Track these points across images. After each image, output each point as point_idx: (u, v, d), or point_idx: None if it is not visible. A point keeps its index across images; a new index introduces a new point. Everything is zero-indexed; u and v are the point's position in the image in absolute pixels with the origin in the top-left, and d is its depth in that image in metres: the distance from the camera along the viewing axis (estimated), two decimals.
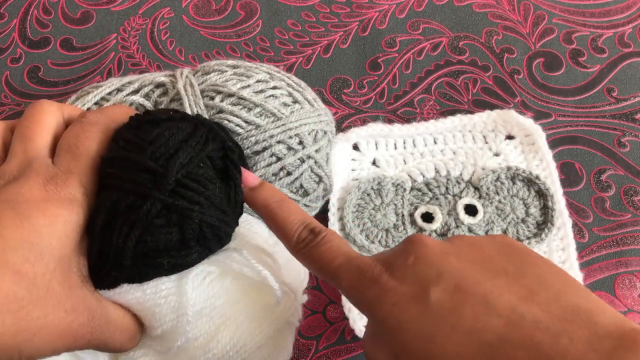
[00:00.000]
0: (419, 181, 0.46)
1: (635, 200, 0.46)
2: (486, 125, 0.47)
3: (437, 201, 0.45)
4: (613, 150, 0.48)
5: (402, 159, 0.47)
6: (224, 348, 0.30)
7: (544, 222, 0.44)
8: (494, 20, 0.53)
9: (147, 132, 0.29)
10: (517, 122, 0.46)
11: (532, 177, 0.44)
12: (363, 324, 0.41)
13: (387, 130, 0.46)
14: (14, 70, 0.53)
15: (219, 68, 0.40)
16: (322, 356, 0.42)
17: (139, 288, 0.29)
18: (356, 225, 0.44)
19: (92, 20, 0.54)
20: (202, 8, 0.55)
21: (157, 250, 0.28)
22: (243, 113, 0.37)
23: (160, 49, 0.53)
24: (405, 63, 0.51)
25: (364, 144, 0.47)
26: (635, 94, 0.49)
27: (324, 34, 0.53)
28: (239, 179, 0.31)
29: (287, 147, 0.39)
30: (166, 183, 0.27)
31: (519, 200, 0.44)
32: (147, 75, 0.41)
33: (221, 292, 0.31)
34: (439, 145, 0.47)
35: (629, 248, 0.44)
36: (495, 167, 0.45)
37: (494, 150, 0.47)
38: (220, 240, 0.30)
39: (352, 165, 0.46)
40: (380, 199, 0.45)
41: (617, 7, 0.53)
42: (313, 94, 0.42)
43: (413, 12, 0.53)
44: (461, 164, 0.46)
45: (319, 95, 0.50)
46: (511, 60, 0.51)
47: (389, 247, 0.43)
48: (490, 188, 0.45)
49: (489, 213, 0.44)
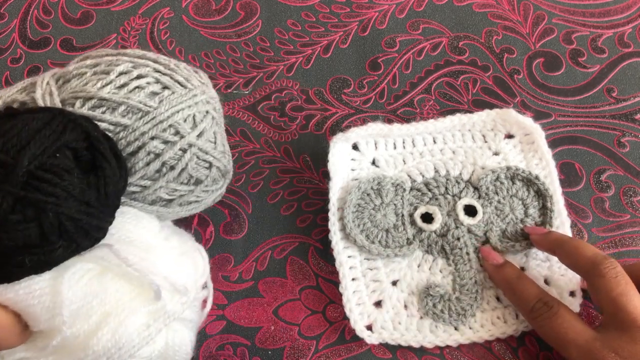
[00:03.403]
0: (419, 181, 0.46)
1: (634, 201, 0.46)
2: (485, 125, 0.47)
3: (437, 201, 0.45)
4: (613, 150, 0.48)
5: (401, 158, 0.47)
6: (106, 345, 0.30)
7: (542, 222, 0.44)
8: (493, 20, 0.53)
9: (1, 125, 0.28)
10: (516, 121, 0.46)
11: (531, 177, 0.44)
12: (364, 323, 0.42)
13: (387, 130, 0.46)
14: (14, 70, 0.53)
15: (79, 71, 0.36)
16: (322, 356, 0.42)
17: (10, 288, 0.28)
18: (356, 225, 0.44)
19: (92, 21, 0.54)
20: (202, 8, 0.55)
21: (16, 248, 0.27)
22: (107, 116, 0.34)
23: (160, 49, 0.53)
24: (405, 63, 0.51)
25: (364, 144, 0.47)
26: (635, 94, 0.50)
27: (324, 34, 0.53)
28: (110, 170, 0.30)
29: (163, 141, 0.35)
30: (16, 175, 0.26)
31: (518, 200, 0.44)
32: (5, 91, 0.37)
33: (100, 289, 0.31)
34: (438, 144, 0.47)
35: (628, 249, 0.44)
36: (495, 166, 0.45)
37: (493, 149, 0.47)
38: (87, 234, 0.29)
39: (352, 165, 0.46)
40: (380, 199, 0.45)
41: (617, 7, 0.53)
42: (186, 72, 0.38)
43: (413, 12, 0.53)
44: (460, 163, 0.46)
45: (319, 95, 0.50)
46: (511, 60, 0.51)
47: (389, 247, 0.43)
48: (489, 188, 0.45)
49: (488, 213, 0.44)
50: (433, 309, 0.42)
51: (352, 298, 0.42)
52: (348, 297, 0.42)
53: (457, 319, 0.41)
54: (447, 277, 0.43)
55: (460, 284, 0.42)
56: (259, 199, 0.47)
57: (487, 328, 0.42)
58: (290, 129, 0.49)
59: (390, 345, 0.42)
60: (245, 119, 0.50)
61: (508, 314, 0.42)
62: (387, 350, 0.42)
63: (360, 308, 0.42)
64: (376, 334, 0.41)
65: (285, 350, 0.42)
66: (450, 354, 0.42)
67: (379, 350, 0.42)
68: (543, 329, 0.38)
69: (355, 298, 0.42)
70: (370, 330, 0.42)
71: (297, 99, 0.50)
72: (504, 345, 0.42)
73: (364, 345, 0.42)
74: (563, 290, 0.41)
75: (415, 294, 0.42)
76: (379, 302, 0.43)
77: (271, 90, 0.51)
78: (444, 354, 0.42)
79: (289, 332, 0.43)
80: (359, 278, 0.43)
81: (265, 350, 0.42)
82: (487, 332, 0.41)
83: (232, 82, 0.51)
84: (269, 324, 0.43)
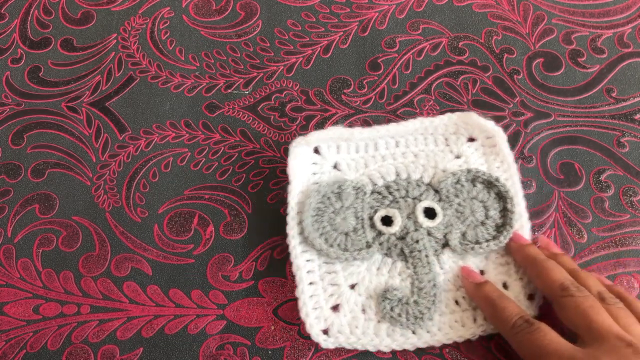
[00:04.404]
0: (380, 184, 0.45)
1: (634, 200, 0.46)
2: (448, 128, 0.47)
3: (397, 204, 0.44)
4: (612, 150, 0.48)
5: (363, 162, 0.46)
6: None
7: (503, 224, 0.43)
8: (493, 21, 0.53)
9: None
10: (478, 124, 0.46)
11: (492, 179, 0.44)
12: (320, 327, 0.41)
13: (348, 133, 0.46)
14: (14, 70, 0.53)
15: None
16: (322, 356, 0.42)
17: None
18: (315, 229, 0.43)
19: (93, 21, 0.54)
20: (202, 8, 0.55)
21: None
22: None
23: (161, 49, 0.53)
24: (405, 63, 0.51)
25: (325, 148, 0.46)
26: (635, 94, 0.50)
27: (324, 34, 0.53)
28: None
29: None
30: None
31: (479, 202, 0.44)
32: None
33: None
34: (400, 148, 0.47)
35: (628, 249, 0.45)
36: (456, 169, 0.45)
37: (455, 152, 0.46)
38: None
39: (313, 169, 0.46)
40: (340, 202, 0.44)
41: (617, 7, 0.53)
42: None
43: (413, 13, 0.53)
44: (422, 166, 0.46)
45: (319, 96, 0.50)
46: (511, 61, 0.51)
47: (348, 250, 0.43)
48: (450, 190, 0.44)
49: (449, 216, 0.44)
50: (390, 313, 0.41)
51: (309, 302, 0.42)
52: (304, 300, 0.42)
53: (415, 323, 0.41)
54: (406, 280, 0.42)
55: (419, 287, 0.42)
56: (259, 199, 0.47)
57: (445, 331, 0.41)
58: (290, 130, 0.49)
59: None
60: (245, 119, 0.50)
61: (466, 318, 0.42)
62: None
63: (317, 312, 0.42)
64: (332, 338, 0.41)
65: (285, 350, 0.42)
66: (450, 353, 0.42)
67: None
68: (522, 344, 0.37)
69: (312, 302, 0.42)
70: (326, 335, 0.41)
71: (297, 99, 0.50)
72: (504, 345, 0.42)
73: None
74: (521, 294, 0.41)
75: (373, 298, 0.42)
76: (336, 306, 0.42)
77: (271, 91, 0.51)
78: (443, 354, 0.42)
79: (289, 332, 0.43)
80: (316, 282, 0.43)
81: (265, 350, 0.42)
82: (444, 335, 0.41)
83: (232, 82, 0.51)
84: (269, 324, 0.43)
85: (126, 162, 0.49)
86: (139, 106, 0.51)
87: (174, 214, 0.47)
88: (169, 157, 0.49)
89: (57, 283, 0.45)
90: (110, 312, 0.44)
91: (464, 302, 0.42)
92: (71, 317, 0.44)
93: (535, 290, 0.41)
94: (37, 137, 0.50)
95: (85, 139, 0.50)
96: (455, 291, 0.42)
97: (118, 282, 0.45)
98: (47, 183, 0.48)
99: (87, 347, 0.43)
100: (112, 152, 0.49)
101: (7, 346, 0.43)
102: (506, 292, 0.41)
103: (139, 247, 0.46)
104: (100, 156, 0.49)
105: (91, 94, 0.51)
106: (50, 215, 0.47)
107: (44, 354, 0.43)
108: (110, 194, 0.48)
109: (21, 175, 0.49)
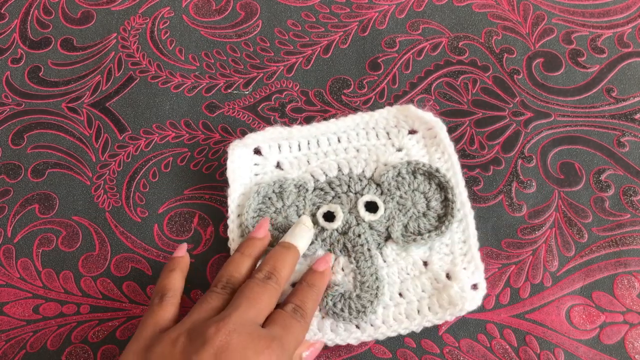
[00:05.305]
0: (322, 180, 0.45)
1: (634, 200, 0.46)
2: (389, 122, 0.47)
3: (339, 200, 0.45)
4: (612, 150, 0.48)
5: (306, 159, 0.46)
6: None
7: (445, 214, 0.44)
8: (493, 21, 0.53)
9: None
10: (417, 116, 0.46)
11: (432, 170, 0.44)
12: None
13: (287, 132, 0.46)
14: (14, 70, 0.53)
15: None
16: (322, 356, 0.42)
17: None
18: None
19: (92, 20, 0.54)
20: (202, 8, 0.55)
21: None
22: None
23: (160, 49, 0.53)
24: (405, 63, 0.51)
25: (267, 148, 0.46)
26: (635, 94, 0.50)
27: (324, 34, 0.53)
28: None
29: None
30: None
31: (420, 194, 0.45)
32: None
33: None
34: (343, 143, 0.47)
35: (628, 248, 0.45)
36: (397, 162, 0.45)
37: (396, 145, 0.47)
38: None
39: (255, 169, 0.46)
40: (281, 201, 0.44)
41: (617, 7, 0.53)
42: None
43: (413, 13, 0.53)
44: (364, 160, 0.46)
45: (319, 97, 0.50)
46: (511, 61, 0.51)
47: None
48: (391, 184, 0.45)
49: (390, 209, 0.44)
50: (333, 308, 0.41)
51: None
52: None
53: (357, 317, 0.41)
54: (349, 275, 0.43)
55: (361, 281, 0.42)
56: None
57: (389, 324, 0.41)
58: None
59: (390, 344, 0.42)
60: (245, 119, 0.50)
61: (411, 310, 0.42)
62: (387, 350, 0.42)
63: None
64: None
65: None
66: (450, 353, 0.42)
67: (378, 350, 0.42)
68: None
69: None
70: None
71: (297, 100, 0.50)
72: (504, 345, 0.42)
73: (364, 346, 0.42)
74: (465, 285, 0.41)
75: None
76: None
77: (271, 91, 0.51)
78: (443, 354, 0.42)
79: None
80: None
81: None
82: (389, 328, 0.41)
83: (232, 82, 0.51)
84: None
85: (126, 162, 0.49)
86: (139, 106, 0.51)
87: (174, 214, 0.47)
88: (169, 157, 0.49)
89: (57, 283, 0.45)
90: (110, 312, 0.44)
91: (409, 294, 0.42)
92: (71, 317, 0.44)
93: (480, 279, 0.42)
94: (37, 137, 0.50)
95: (85, 139, 0.50)
96: (400, 284, 0.43)
97: (118, 282, 0.45)
98: (47, 183, 0.48)
99: (87, 347, 0.43)
100: (112, 152, 0.49)
101: (7, 346, 0.43)
102: (449, 283, 0.42)
103: (139, 247, 0.46)
104: (100, 156, 0.49)
105: (91, 94, 0.51)
106: (50, 215, 0.47)
107: (44, 353, 0.43)
108: (110, 194, 0.48)
109: (21, 175, 0.49)
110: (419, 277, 0.43)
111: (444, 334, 0.43)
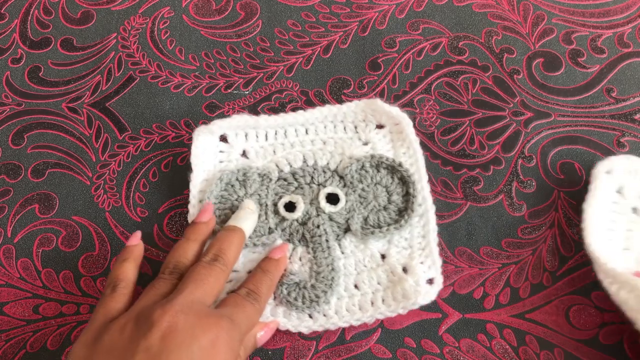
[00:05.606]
0: (286, 171, 0.46)
1: None
2: (357, 115, 0.47)
3: (302, 190, 0.45)
4: (612, 150, 0.48)
5: (272, 149, 0.47)
6: None
7: (405, 209, 0.44)
8: (493, 21, 0.53)
9: None
10: (384, 111, 0.46)
11: (395, 164, 0.45)
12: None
13: (253, 121, 0.46)
14: (14, 70, 0.53)
15: None
16: (322, 356, 0.42)
17: None
18: (217, 217, 0.44)
19: (92, 20, 0.55)
20: (202, 8, 0.55)
21: None
22: None
23: (160, 49, 0.53)
24: (405, 63, 0.51)
25: (233, 136, 0.47)
26: (635, 94, 0.50)
27: (324, 34, 0.53)
28: None
29: None
30: None
31: (382, 187, 0.45)
32: None
33: None
34: (310, 135, 0.47)
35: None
36: (361, 155, 0.45)
37: (363, 139, 0.47)
38: None
39: (220, 157, 0.46)
40: (244, 189, 0.45)
41: (617, 7, 0.53)
42: None
43: (413, 13, 0.53)
44: (329, 153, 0.46)
45: (319, 97, 0.50)
46: (511, 60, 0.51)
47: (249, 237, 0.43)
48: (354, 176, 0.45)
49: (351, 201, 0.44)
50: (287, 297, 0.41)
51: None
52: None
53: (310, 306, 0.41)
54: (306, 265, 0.43)
55: (317, 271, 0.42)
56: None
57: (342, 315, 0.41)
58: None
59: (390, 344, 0.42)
60: None
61: (365, 301, 0.42)
62: (387, 350, 0.42)
63: None
64: None
65: (285, 350, 0.42)
66: (450, 353, 0.42)
67: (378, 350, 0.42)
68: None
69: None
70: None
71: (297, 100, 0.50)
72: (504, 345, 0.42)
73: (364, 345, 0.42)
74: (420, 279, 0.42)
75: None
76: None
77: (271, 91, 0.51)
78: (443, 354, 0.42)
79: (289, 332, 0.43)
80: None
81: (266, 351, 0.42)
82: (341, 318, 0.41)
83: (232, 82, 0.51)
84: None
85: (126, 162, 0.49)
86: (139, 106, 0.51)
87: (174, 214, 0.47)
88: (169, 157, 0.49)
89: (57, 283, 0.45)
90: None
91: (364, 286, 0.42)
92: (71, 317, 0.44)
93: (436, 274, 0.42)
94: (37, 137, 0.50)
95: (85, 139, 0.50)
96: (356, 275, 0.43)
97: None
98: (47, 183, 0.48)
99: None
100: (112, 152, 0.49)
101: (7, 346, 0.43)
102: (404, 276, 0.42)
103: None
104: (100, 156, 0.49)
105: (91, 94, 0.51)
106: (50, 215, 0.47)
107: (44, 353, 0.43)
108: (110, 194, 0.48)
109: (21, 175, 0.49)
110: (375, 269, 0.43)
111: (444, 334, 0.43)
